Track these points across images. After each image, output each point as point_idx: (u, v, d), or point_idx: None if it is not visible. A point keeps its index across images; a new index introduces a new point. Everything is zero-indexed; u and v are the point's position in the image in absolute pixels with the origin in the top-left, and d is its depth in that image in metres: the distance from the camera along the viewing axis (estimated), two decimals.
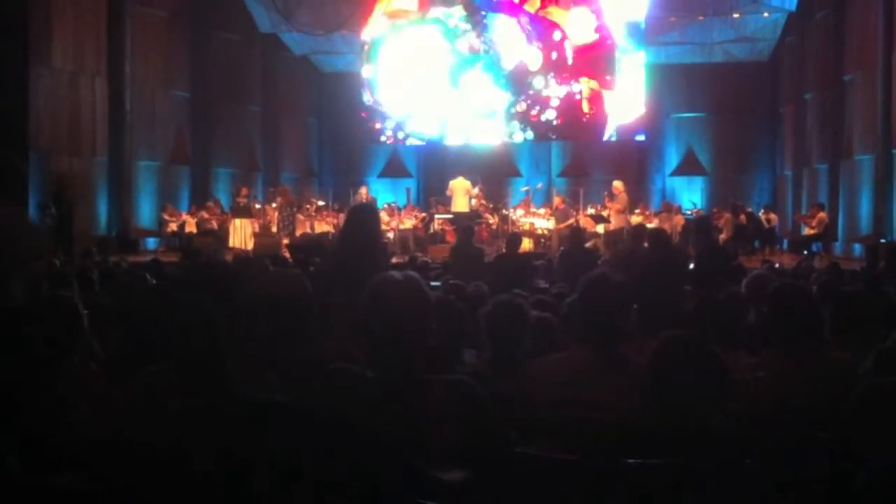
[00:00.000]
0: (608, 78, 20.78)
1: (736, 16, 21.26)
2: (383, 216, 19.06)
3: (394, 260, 12.25)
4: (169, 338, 2.56)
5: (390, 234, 18.21)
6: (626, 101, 21.18)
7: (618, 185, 17.55)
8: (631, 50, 21.25)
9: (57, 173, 16.49)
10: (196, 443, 2.02)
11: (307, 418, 2.16)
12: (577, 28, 21.11)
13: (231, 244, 18.19)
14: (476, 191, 18.64)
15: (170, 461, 2.03)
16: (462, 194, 18.24)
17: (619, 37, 21.21)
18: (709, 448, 2.61)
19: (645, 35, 21.33)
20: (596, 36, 21.00)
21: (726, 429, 2.70)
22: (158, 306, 2.94)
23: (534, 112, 20.96)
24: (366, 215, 5.58)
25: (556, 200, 19.08)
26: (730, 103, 22.90)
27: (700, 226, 9.45)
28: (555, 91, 20.81)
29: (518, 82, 20.96)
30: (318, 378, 2.78)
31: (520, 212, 19.81)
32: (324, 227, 19.49)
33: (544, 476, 2.71)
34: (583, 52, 21.00)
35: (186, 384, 2.33)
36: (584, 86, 20.79)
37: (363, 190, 20.27)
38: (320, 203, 21.00)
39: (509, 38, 21.22)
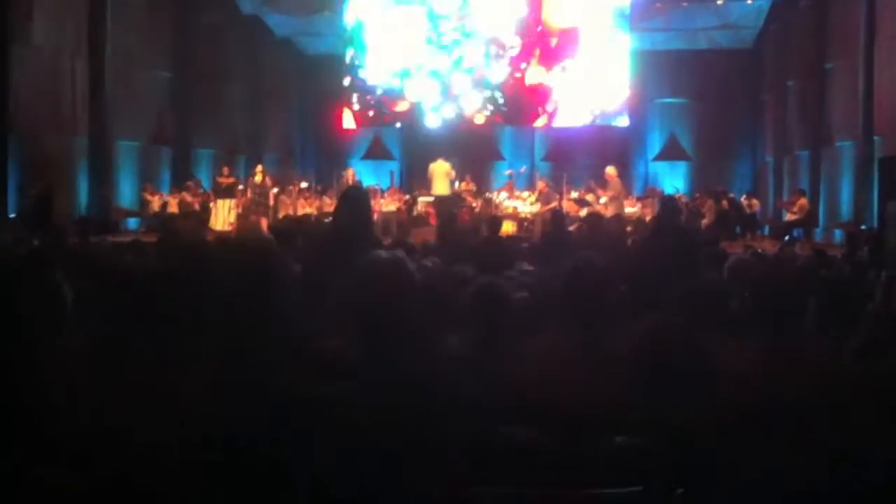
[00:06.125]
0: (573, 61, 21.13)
1: (720, 2, 21.34)
2: None
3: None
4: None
5: (374, 217, 18.15)
6: (610, 87, 21.28)
7: (610, 171, 17.52)
8: (616, 35, 21.36)
9: (35, 156, 16.36)
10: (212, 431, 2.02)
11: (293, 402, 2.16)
12: (558, 11, 21.34)
13: (212, 225, 18.10)
14: (454, 173, 18.63)
15: (158, 451, 2.02)
16: (443, 177, 18.21)
17: (606, 22, 21.34)
18: (690, 435, 2.62)
19: (630, 21, 21.40)
20: (574, 23, 21.31)
21: (708, 416, 2.71)
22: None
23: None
24: (359, 197, 5.63)
25: (540, 184, 19.10)
26: (713, 90, 22.95)
27: (664, 206, 9.02)
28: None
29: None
30: (302, 358, 2.77)
31: (503, 195, 19.82)
32: (307, 209, 19.42)
33: (526, 459, 2.72)
34: (562, 36, 21.30)
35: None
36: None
37: (349, 172, 20.13)
38: (303, 185, 20.91)
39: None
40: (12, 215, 15.51)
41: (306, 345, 2.87)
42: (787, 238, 16.97)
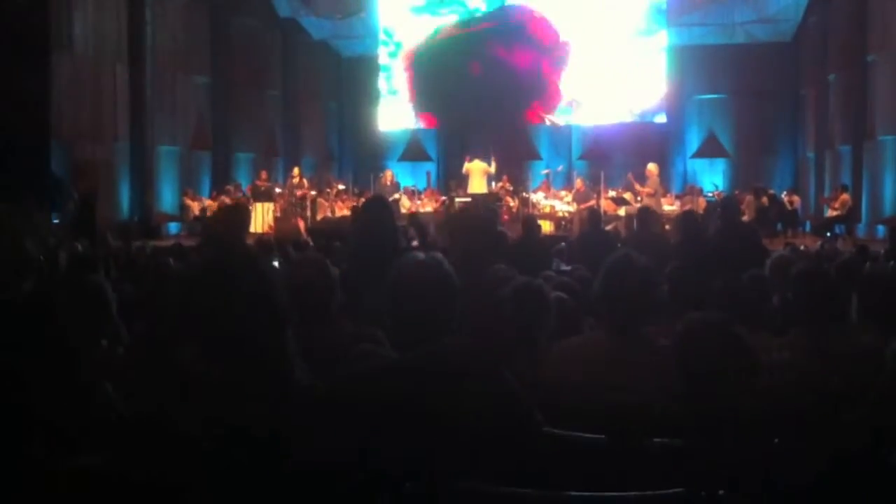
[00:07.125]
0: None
1: None
2: (404, 200, 19.09)
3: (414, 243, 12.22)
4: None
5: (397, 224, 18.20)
6: (647, 84, 21.15)
7: (652, 167, 17.42)
8: (652, 31, 21.24)
9: (77, 162, 16.58)
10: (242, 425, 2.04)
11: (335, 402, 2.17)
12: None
13: (252, 229, 18.24)
14: (493, 168, 18.54)
15: (199, 444, 2.04)
16: (480, 175, 18.16)
17: (641, 18, 21.24)
18: (734, 430, 2.60)
19: (667, 16, 21.27)
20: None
21: (751, 411, 2.69)
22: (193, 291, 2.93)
23: None
24: (378, 210, 5.65)
25: (577, 183, 19.00)
26: (752, 85, 22.70)
27: (727, 205, 9.34)
28: None
29: None
30: (343, 361, 2.79)
31: (540, 195, 19.76)
32: (344, 211, 19.50)
33: (570, 457, 2.70)
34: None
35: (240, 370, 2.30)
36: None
37: (388, 174, 20.24)
38: (340, 187, 21.02)
39: None
40: (56, 220, 15.72)
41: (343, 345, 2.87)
42: (828, 234, 16.77)
